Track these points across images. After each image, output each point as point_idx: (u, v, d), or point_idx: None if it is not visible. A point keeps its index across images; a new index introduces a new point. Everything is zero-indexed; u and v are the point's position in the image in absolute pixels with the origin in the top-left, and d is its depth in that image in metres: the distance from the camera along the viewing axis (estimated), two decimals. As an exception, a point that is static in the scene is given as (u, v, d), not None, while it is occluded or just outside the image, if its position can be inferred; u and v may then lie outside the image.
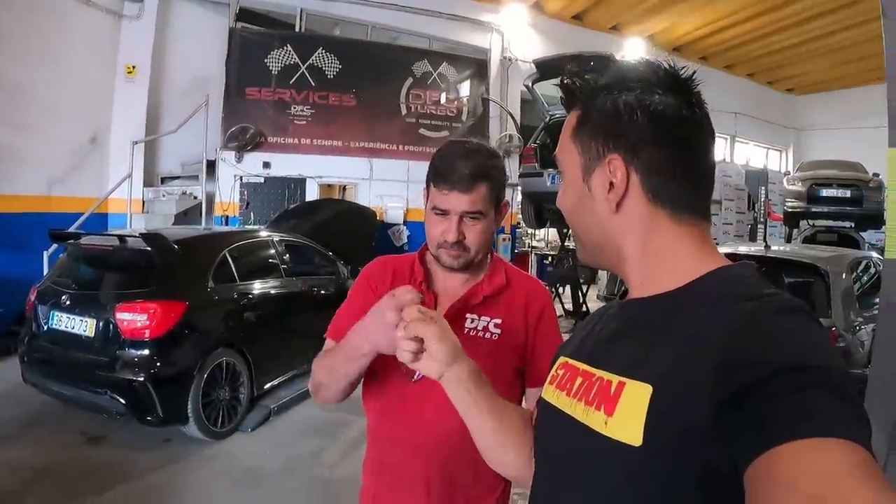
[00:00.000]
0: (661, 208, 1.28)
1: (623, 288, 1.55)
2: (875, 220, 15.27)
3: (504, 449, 1.62)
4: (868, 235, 15.92)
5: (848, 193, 15.64)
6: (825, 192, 15.90)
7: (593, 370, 1.30)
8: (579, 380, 1.33)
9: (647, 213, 1.28)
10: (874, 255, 9.22)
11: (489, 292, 2.23)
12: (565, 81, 1.40)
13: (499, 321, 2.21)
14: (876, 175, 15.75)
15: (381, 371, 2.19)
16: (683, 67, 1.30)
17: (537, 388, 2.09)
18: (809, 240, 15.68)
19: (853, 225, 15.85)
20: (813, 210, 16.18)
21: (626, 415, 1.13)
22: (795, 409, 0.91)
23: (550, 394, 1.43)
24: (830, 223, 16.27)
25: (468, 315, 2.21)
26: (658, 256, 1.29)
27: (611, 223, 1.31)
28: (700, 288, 1.22)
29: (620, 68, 1.35)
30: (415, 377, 2.13)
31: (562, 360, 1.48)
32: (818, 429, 0.89)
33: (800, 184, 16.34)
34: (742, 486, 0.93)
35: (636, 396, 1.13)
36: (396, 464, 2.21)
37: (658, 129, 1.25)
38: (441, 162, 2.18)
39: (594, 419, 1.20)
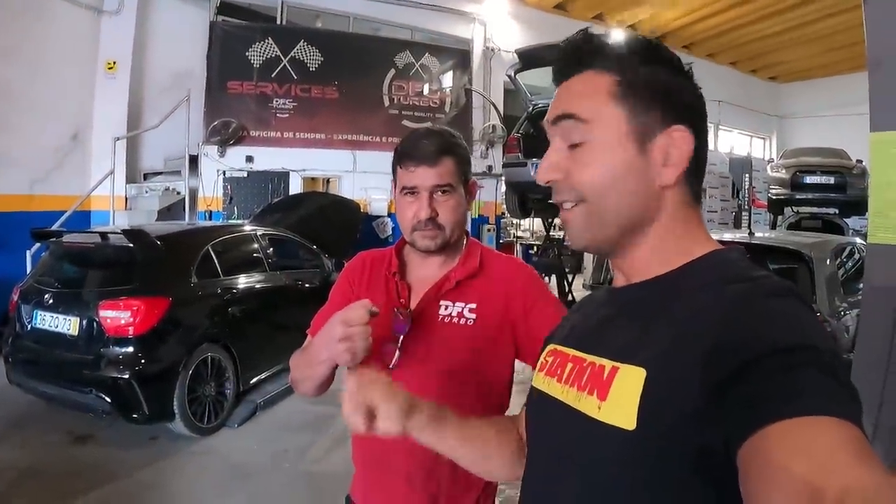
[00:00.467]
0: (688, 187, 1.28)
1: (611, 275, 1.47)
2: (859, 206, 15.37)
3: (487, 462, 1.63)
4: (852, 222, 16.01)
5: (832, 180, 15.71)
6: (809, 179, 15.98)
7: (584, 355, 1.28)
8: (570, 365, 1.32)
9: (682, 190, 1.27)
10: (858, 240, 9.28)
11: (461, 277, 2.22)
12: (590, 37, 1.31)
13: (473, 306, 2.18)
14: (859, 161, 15.84)
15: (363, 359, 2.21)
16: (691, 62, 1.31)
17: None
18: (794, 226, 15.70)
19: (837, 211, 15.90)
20: (797, 197, 16.25)
21: (619, 399, 1.12)
22: (787, 388, 0.91)
23: (540, 381, 1.42)
24: (814, 210, 16.30)
25: (442, 302, 2.20)
26: (674, 238, 1.28)
27: (655, 196, 1.25)
28: (695, 271, 1.22)
29: (647, 43, 1.30)
30: (392, 363, 2.13)
31: (550, 347, 1.47)
32: (809, 407, 0.89)
33: (784, 171, 16.42)
34: (732, 465, 0.93)
35: (630, 380, 1.12)
36: (379, 455, 2.20)
37: (703, 110, 1.28)
38: (404, 144, 2.21)
39: (587, 404, 1.19)
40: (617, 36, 1.30)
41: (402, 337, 2.15)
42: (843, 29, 19.96)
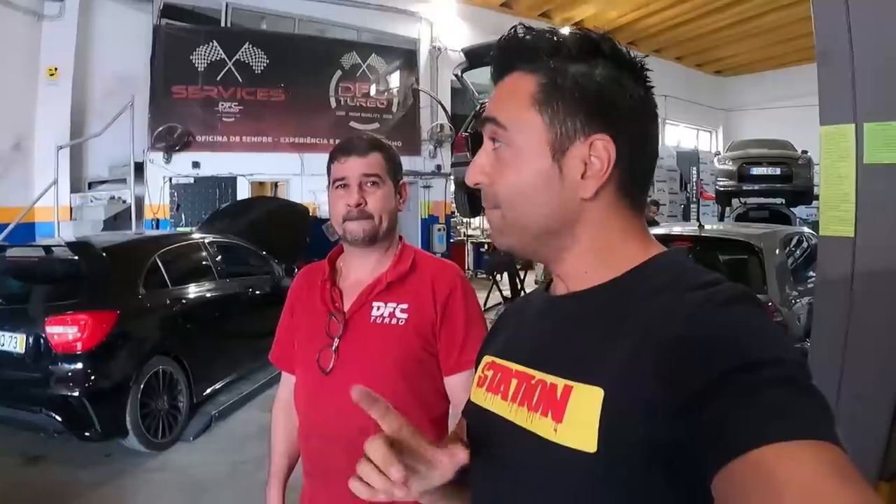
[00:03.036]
0: (623, 193, 1.20)
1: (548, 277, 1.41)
2: (805, 195, 15.84)
3: None
4: (798, 211, 16.34)
5: (778, 171, 15.99)
6: (755, 171, 16.23)
7: (532, 372, 1.21)
8: (515, 382, 1.25)
9: (612, 198, 1.19)
10: (806, 230, 9.49)
11: (393, 278, 2.28)
12: (520, 35, 1.23)
13: (405, 306, 2.25)
14: (804, 152, 16.15)
15: (302, 366, 2.38)
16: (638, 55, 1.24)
17: (453, 377, 2.20)
18: (742, 217, 15.98)
19: (784, 201, 16.19)
20: (744, 188, 16.48)
21: (576, 421, 1.07)
22: (756, 412, 0.87)
23: (481, 397, 1.34)
24: (761, 200, 16.59)
25: (374, 303, 2.27)
26: (611, 246, 1.21)
27: (575, 208, 1.18)
28: (642, 277, 1.16)
29: (582, 39, 1.20)
30: (328, 369, 2.21)
31: (487, 359, 1.39)
32: (782, 432, 0.84)
33: (730, 163, 16.66)
34: (703, 485, 0.89)
35: (586, 401, 1.06)
36: (322, 461, 2.24)
37: (636, 113, 1.19)
38: (338, 143, 2.39)
39: (541, 426, 1.13)
40: (557, 32, 1.23)
41: (337, 340, 2.22)
42: (786, 23, 20.24)
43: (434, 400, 2.26)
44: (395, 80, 17.10)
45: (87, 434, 6.25)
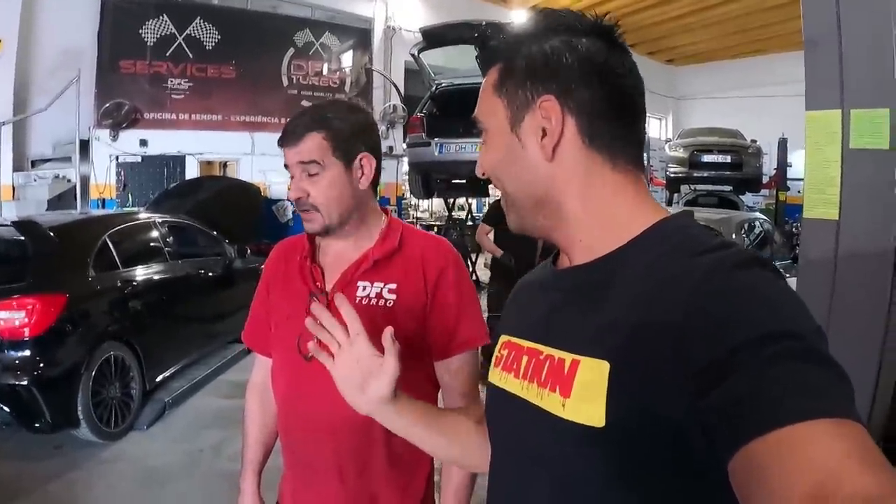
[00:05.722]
0: (597, 153, 1.18)
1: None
2: (753, 183, 16.49)
3: (466, 456, 1.58)
4: (746, 198, 16.76)
5: (728, 159, 16.50)
6: (706, 158, 16.68)
7: (541, 347, 1.21)
8: (525, 359, 1.24)
9: (583, 158, 1.18)
10: (759, 215, 9.88)
11: (380, 255, 2.10)
12: (486, 37, 1.29)
13: (393, 286, 2.08)
14: (754, 141, 16.60)
15: (280, 350, 2.21)
16: (607, 14, 1.25)
17: (444, 361, 2.08)
18: (691, 203, 16.35)
19: (732, 188, 16.59)
20: (694, 175, 16.88)
21: (584, 395, 1.06)
22: (775, 388, 0.84)
23: (497, 377, 1.34)
24: (710, 187, 16.92)
25: (360, 282, 2.09)
26: (599, 211, 1.20)
27: (546, 173, 1.20)
28: (645, 244, 1.14)
29: (542, 17, 1.27)
30: (309, 354, 1.95)
31: (504, 339, 1.38)
32: (800, 411, 0.81)
33: (681, 150, 17.08)
34: (715, 460, 0.87)
35: (593, 374, 1.05)
36: (306, 452, 2.13)
37: (590, 70, 1.17)
38: (284, 126, 2.11)
39: (550, 402, 1.12)
40: (521, 20, 1.34)
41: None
42: (740, 14, 20.82)
43: (426, 387, 2.14)
44: (348, 59, 17.12)
45: (36, 425, 5.99)
